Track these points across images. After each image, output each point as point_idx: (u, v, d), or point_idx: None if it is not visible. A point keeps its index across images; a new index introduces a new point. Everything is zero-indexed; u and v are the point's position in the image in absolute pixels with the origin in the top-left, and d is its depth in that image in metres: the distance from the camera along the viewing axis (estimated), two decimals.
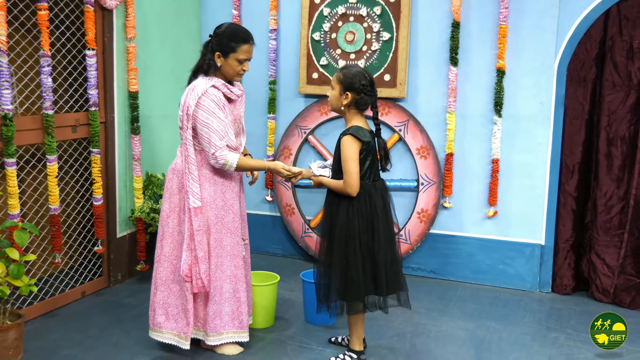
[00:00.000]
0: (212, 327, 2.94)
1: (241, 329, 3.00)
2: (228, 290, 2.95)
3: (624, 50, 3.71)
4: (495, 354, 3.09)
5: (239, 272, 2.97)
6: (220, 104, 2.82)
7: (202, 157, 2.88)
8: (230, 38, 2.85)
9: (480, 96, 4.01)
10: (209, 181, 2.88)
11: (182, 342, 2.93)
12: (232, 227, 2.94)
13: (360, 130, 2.76)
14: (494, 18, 3.91)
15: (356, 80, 2.74)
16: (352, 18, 4.21)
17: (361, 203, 2.76)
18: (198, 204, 2.82)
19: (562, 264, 3.96)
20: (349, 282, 2.76)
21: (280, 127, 4.53)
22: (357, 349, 2.93)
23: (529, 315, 3.60)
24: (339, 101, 2.79)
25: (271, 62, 4.44)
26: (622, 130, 3.75)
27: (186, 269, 2.84)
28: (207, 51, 2.89)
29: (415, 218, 4.17)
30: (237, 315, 2.98)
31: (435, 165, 4.12)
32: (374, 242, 2.76)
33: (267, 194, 4.61)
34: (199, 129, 2.80)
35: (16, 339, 2.85)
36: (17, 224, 2.95)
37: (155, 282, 2.97)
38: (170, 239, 2.94)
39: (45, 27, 3.20)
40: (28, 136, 3.23)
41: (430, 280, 4.18)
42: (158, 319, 2.96)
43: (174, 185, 2.92)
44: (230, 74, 2.90)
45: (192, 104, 2.78)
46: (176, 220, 2.92)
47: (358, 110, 2.81)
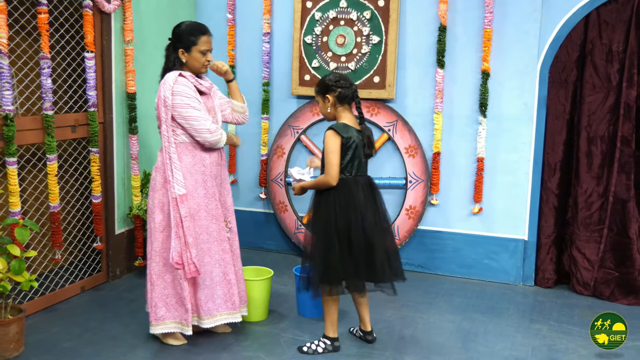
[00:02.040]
0: (206, 310, 3.04)
1: (234, 310, 3.12)
2: (218, 274, 3.06)
3: (604, 53, 3.82)
4: (481, 345, 3.19)
5: (227, 256, 3.09)
6: (193, 88, 2.95)
7: (182, 149, 2.97)
8: (190, 33, 2.99)
9: (466, 97, 4.13)
10: (189, 172, 2.98)
11: (185, 329, 3.03)
12: (216, 213, 3.05)
13: (344, 126, 2.91)
14: (479, 22, 4.03)
15: (326, 82, 2.96)
16: (342, 22, 4.32)
17: (339, 194, 2.90)
18: (183, 191, 2.92)
19: (544, 259, 4.08)
20: (329, 268, 2.88)
21: (273, 127, 4.63)
22: (330, 335, 3.04)
23: (513, 308, 3.71)
24: (326, 107, 2.98)
25: (265, 65, 4.54)
26: (602, 130, 3.87)
27: (176, 256, 2.92)
28: (170, 52, 3.03)
29: (403, 215, 4.30)
30: (229, 297, 3.10)
31: (423, 163, 4.25)
32: (351, 231, 2.87)
33: (260, 191, 4.71)
34: (184, 114, 2.90)
35: (17, 333, 2.91)
36: (18, 221, 2.98)
37: (150, 279, 3.04)
38: (156, 235, 3.01)
39: (45, 30, 3.26)
40: (29, 136, 3.29)
41: (418, 275, 4.30)
42: (160, 312, 3.03)
43: (157, 182, 3.01)
44: (196, 67, 3.02)
45: (167, 94, 2.89)
46: (161, 216, 3.00)
47: (344, 106, 2.96)
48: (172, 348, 3.07)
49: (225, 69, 3.15)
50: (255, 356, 3.02)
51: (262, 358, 3.01)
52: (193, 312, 3.07)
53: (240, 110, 3.24)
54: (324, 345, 3.04)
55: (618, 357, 3.10)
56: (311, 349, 3.04)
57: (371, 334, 3.16)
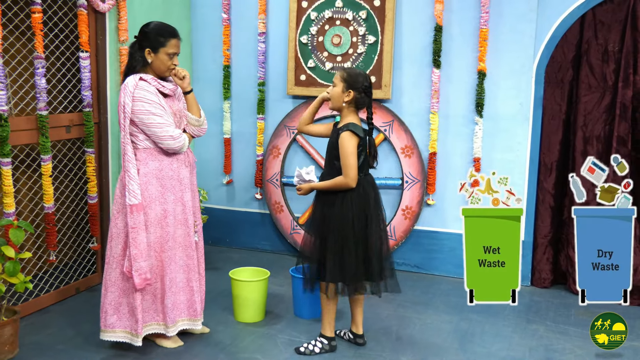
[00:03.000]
0: (172, 319, 2.99)
1: (195, 317, 3.07)
2: (182, 280, 3.02)
3: (600, 53, 3.84)
4: (478, 346, 3.19)
5: (191, 262, 3.04)
6: (154, 92, 2.87)
7: (147, 155, 2.90)
8: (159, 33, 2.91)
9: (462, 97, 4.13)
10: (156, 176, 2.91)
11: (134, 340, 2.95)
12: (183, 218, 2.99)
13: (358, 127, 2.90)
14: (474, 22, 4.04)
15: (359, 80, 2.89)
16: (338, 22, 4.31)
17: (355, 194, 2.89)
18: (134, 201, 2.84)
19: (540, 259, 4.09)
20: (344, 266, 2.87)
21: (269, 127, 4.62)
22: (328, 334, 3.04)
23: (509, 308, 3.69)
24: (341, 98, 2.92)
25: (260, 65, 4.53)
26: (598, 129, 3.89)
27: (128, 265, 2.87)
28: (136, 50, 2.94)
29: (400, 215, 4.29)
30: (191, 303, 3.05)
31: (419, 164, 4.25)
32: (367, 229, 2.90)
33: (256, 192, 4.70)
34: (145, 120, 2.83)
35: (12, 335, 2.89)
36: (12, 223, 2.96)
37: (105, 284, 2.98)
38: (118, 240, 2.95)
39: (39, 30, 3.24)
40: (23, 136, 3.27)
41: (415, 275, 4.30)
42: (110, 320, 2.96)
43: (120, 187, 2.96)
44: (161, 69, 2.94)
45: (127, 101, 2.82)
46: (122, 223, 2.93)
47: (355, 108, 2.95)
48: (168, 350, 3.06)
49: (184, 75, 2.97)
50: (253, 357, 3.01)
51: (259, 359, 2.99)
52: (160, 320, 3.01)
53: (195, 123, 3.05)
54: (320, 345, 3.03)
55: (616, 357, 3.10)
56: (308, 349, 3.03)
57: (362, 337, 3.15)
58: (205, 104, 4.67)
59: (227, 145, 4.71)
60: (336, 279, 2.90)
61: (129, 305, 2.95)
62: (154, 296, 2.98)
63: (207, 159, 4.80)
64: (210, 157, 4.81)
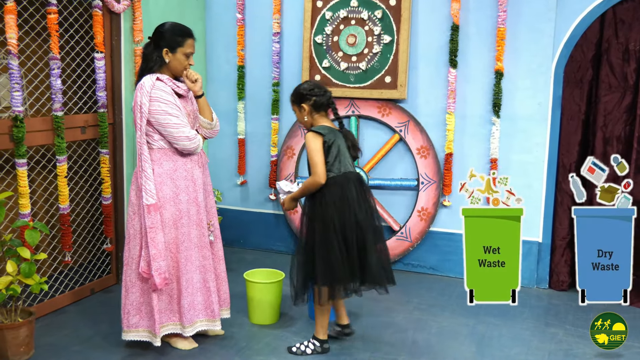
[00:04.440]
0: (188, 319, 2.98)
1: (213, 318, 3.07)
2: (199, 281, 3.01)
3: (620, 52, 3.78)
4: (496, 350, 3.15)
5: (207, 263, 3.04)
6: (170, 93, 2.88)
7: (161, 155, 2.90)
8: (176, 33, 2.92)
9: (478, 97, 4.09)
10: (170, 177, 2.91)
11: (154, 340, 2.94)
12: (197, 219, 2.99)
13: (323, 127, 2.93)
14: (492, 21, 3.99)
15: (300, 91, 2.99)
16: (353, 21, 4.28)
17: (332, 194, 2.88)
18: (151, 201, 2.84)
19: (558, 261, 4.04)
20: (332, 268, 2.86)
21: (283, 127, 4.60)
22: (320, 337, 3.04)
23: (527, 312, 3.67)
24: (302, 116, 3.01)
25: (275, 65, 4.51)
26: (618, 130, 3.83)
27: (144, 265, 2.87)
28: (152, 50, 2.93)
29: (415, 216, 4.25)
30: (208, 304, 3.05)
31: (435, 164, 4.20)
32: (346, 229, 2.87)
33: (270, 192, 4.68)
34: (161, 121, 2.83)
35: (27, 336, 2.90)
36: (28, 224, 2.97)
37: (125, 285, 2.97)
38: (135, 242, 2.94)
39: (54, 31, 3.25)
40: (38, 137, 3.28)
41: (430, 277, 4.26)
42: (132, 320, 2.97)
43: (134, 189, 2.95)
44: (178, 69, 2.94)
45: (144, 101, 2.82)
46: (138, 224, 2.93)
47: (320, 113, 3.00)
48: (183, 352, 3.05)
49: (196, 78, 2.96)
50: None
51: None
52: (177, 320, 3.00)
53: (207, 127, 3.05)
54: (312, 347, 3.04)
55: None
56: (300, 350, 3.04)
57: (349, 326, 3.18)
58: (219, 105, 4.66)
59: (241, 146, 4.70)
60: (326, 281, 2.88)
61: (148, 305, 2.96)
62: (170, 297, 2.98)
63: (221, 160, 4.79)
64: (224, 157, 4.80)
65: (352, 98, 4.31)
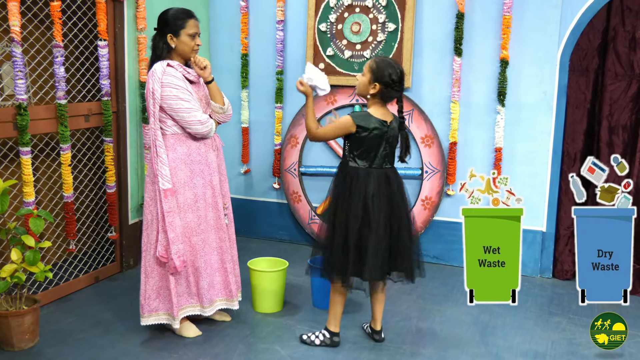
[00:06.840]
0: (208, 299, 3.05)
1: (231, 298, 3.13)
2: (217, 262, 3.07)
3: (627, 41, 3.75)
4: (500, 338, 3.16)
5: (224, 244, 3.09)
6: (181, 78, 2.91)
7: (175, 140, 2.93)
8: (176, 17, 2.94)
9: (483, 86, 4.06)
10: (184, 162, 2.95)
11: (173, 322, 3.00)
12: (213, 202, 3.04)
13: (366, 116, 2.82)
14: (497, 9, 3.96)
15: (387, 74, 2.78)
16: (358, 9, 4.25)
17: (346, 184, 2.84)
18: (167, 185, 2.88)
19: (562, 250, 4.04)
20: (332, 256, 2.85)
21: (287, 116, 4.58)
22: (332, 329, 3.01)
23: (531, 300, 3.67)
24: (367, 89, 2.85)
25: (278, 53, 4.49)
26: (624, 119, 3.81)
27: (161, 250, 2.91)
28: (158, 40, 2.97)
29: (419, 205, 4.25)
30: (226, 284, 3.12)
31: (439, 153, 4.19)
32: (349, 222, 2.80)
33: (274, 181, 4.67)
34: (173, 106, 2.86)
35: (32, 324, 2.91)
36: (32, 212, 2.99)
37: (145, 271, 3.01)
38: (152, 227, 2.99)
39: (57, 18, 3.23)
40: (42, 125, 3.28)
41: (434, 266, 4.26)
42: (153, 304, 3.01)
43: (150, 174, 3.00)
44: (185, 51, 2.96)
45: (156, 87, 2.85)
46: (155, 209, 2.97)
47: (381, 100, 2.86)
48: (187, 340, 3.06)
49: (205, 65, 2.97)
50: (271, 348, 3.00)
51: (277, 350, 2.98)
52: (195, 302, 3.05)
53: (219, 111, 3.08)
54: (322, 338, 3.02)
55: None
56: (310, 339, 3.04)
57: (379, 333, 3.10)
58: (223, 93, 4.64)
59: (244, 135, 4.69)
60: (340, 272, 2.85)
61: (167, 289, 3.00)
62: (187, 280, 3.02)
63: (224, 149, 4.72)
64: (227, 146, 4.78)
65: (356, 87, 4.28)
